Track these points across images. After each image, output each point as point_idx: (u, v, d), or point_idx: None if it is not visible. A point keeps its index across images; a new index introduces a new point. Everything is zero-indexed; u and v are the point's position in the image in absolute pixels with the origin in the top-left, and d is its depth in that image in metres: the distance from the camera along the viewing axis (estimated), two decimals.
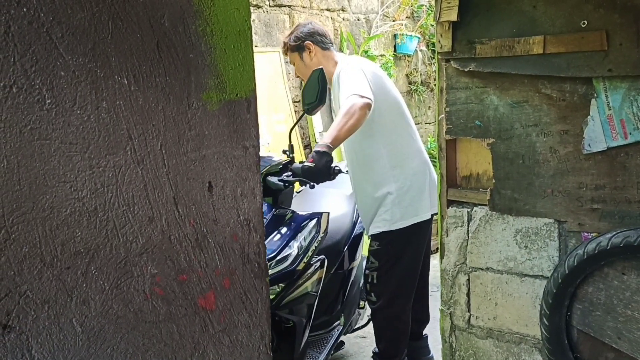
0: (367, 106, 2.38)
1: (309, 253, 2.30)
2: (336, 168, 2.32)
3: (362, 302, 3.12)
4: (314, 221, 2.41)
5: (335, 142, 2.34)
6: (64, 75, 1.06)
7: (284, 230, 2.36)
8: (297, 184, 2.54)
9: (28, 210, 1.02)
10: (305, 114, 2.44)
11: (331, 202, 3.00)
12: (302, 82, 4.49)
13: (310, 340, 2.67)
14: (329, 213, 2.51)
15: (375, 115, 2.52)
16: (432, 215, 2.76)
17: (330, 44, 2.83)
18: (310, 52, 2.77)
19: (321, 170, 2.26)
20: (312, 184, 2.32)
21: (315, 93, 2.34)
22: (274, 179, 2.35)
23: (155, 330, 1.26)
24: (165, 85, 1.25)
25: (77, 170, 1.09)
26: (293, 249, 2.25)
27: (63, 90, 1.06)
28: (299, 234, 2.31)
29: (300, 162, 2.39)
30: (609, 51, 1.89)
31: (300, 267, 2.25)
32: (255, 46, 4.27)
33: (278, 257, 2.25)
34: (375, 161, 2.65)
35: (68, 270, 1.09)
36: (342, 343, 3.04)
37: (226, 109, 1.39)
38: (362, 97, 2.37)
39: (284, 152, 2.60)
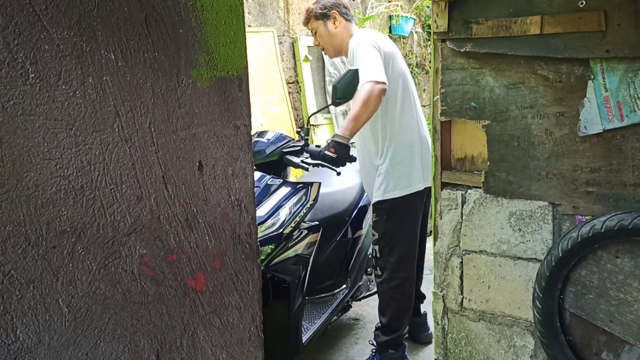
0: (383, 92, 2.54)
1: (297, 219, 2.48)
2: (352, 157, 2.57)
3: (369, 269, 3.33)
4: (303, 190, 2.57)
5: (353, 133, 2.56)
6: (48, 49, 1.03)
7: (273, 198, 2.54)
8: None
9: (11, 187, 0.99)
10: (332, 105, 2.60)
11: (340, 175, 3.15)
12: (303, 59, 4.43)
13: (316, 301, 2.94)
14: (320, 183, 2.66)
15: None
16: (426, 189, 2.82)
17: (352, 17, 2.93)
18: (335, 20, 2.86)
19: (341, 159, 2.51)
20: (338, 170, 2.58)
21: (351, 91, 2.54)
22: (295, 159, 2.56)
23: (144, 311, 1.24)
24: (154, 61, 1.22)
25: (63, 148, 1.06)
26: (280, 215, 2.44)
27: (47, 64, 1.03)
28: (287, 202, 2.50)
29: (317, 146, 2.57)
30: (606, 32, 1.86)
31: (287, 231, 2.43)
32: (249, 26, 4.21)
33: (267, 222, 2.44)
34: (374, 131, 2.75)
35: (54, 250, 1.07)
36: (349, 306, 3.25)
37: (217, 86, 1.36)
38: (378, 83, 2.51)
39: (298, 132, 2.82)
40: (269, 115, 4.22)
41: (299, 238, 2.54)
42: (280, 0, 4.49)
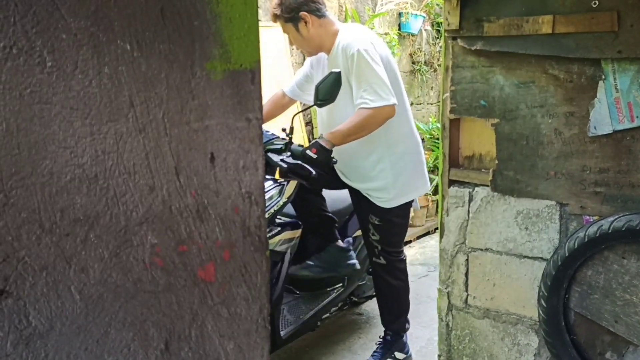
0: (389, 116, 2.46)
1: (267, 215, 2.45)
2: (333, 160, 2.50)
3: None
4: (278, 187, 2.61)
5: (339, 144, 2.48)
6: (65, 38, 1.04)
7: None
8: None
9: (27, 175, 1.01)
10: (316, 106, 2.51)
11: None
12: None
13: (308, 296, 2.96)
14: (297, 182, 2.66)
15: None
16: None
17: (325, 10, 2.61)
18: (306, 23, 2.54)
19: (321, 162, 2.45)
20: (314, 172, 2.47)
21: (333, 94, 2.42)
22: (275, 157, 2.47)
23: (154, 300, 1.25)
24: (169, 52, 1.22)
25: (78, 136, 1.07)
26: None
27: (64, 53, 1.04)
28: None
29: (300, 146, 2.49)
30: (619, 32, 1.86)
31: None
32: (259, 21, 4.21)
33: None
34: (372, 140, 2.62)
35: (67, 237, 1.08)
36: (348, 304, 3.26)
37: (230, 79, 1.37)
38: (388, 106, 2.43)
39: (283, 130, 2.66)
40: None
41: (270, 234, 2.55)
42: None
